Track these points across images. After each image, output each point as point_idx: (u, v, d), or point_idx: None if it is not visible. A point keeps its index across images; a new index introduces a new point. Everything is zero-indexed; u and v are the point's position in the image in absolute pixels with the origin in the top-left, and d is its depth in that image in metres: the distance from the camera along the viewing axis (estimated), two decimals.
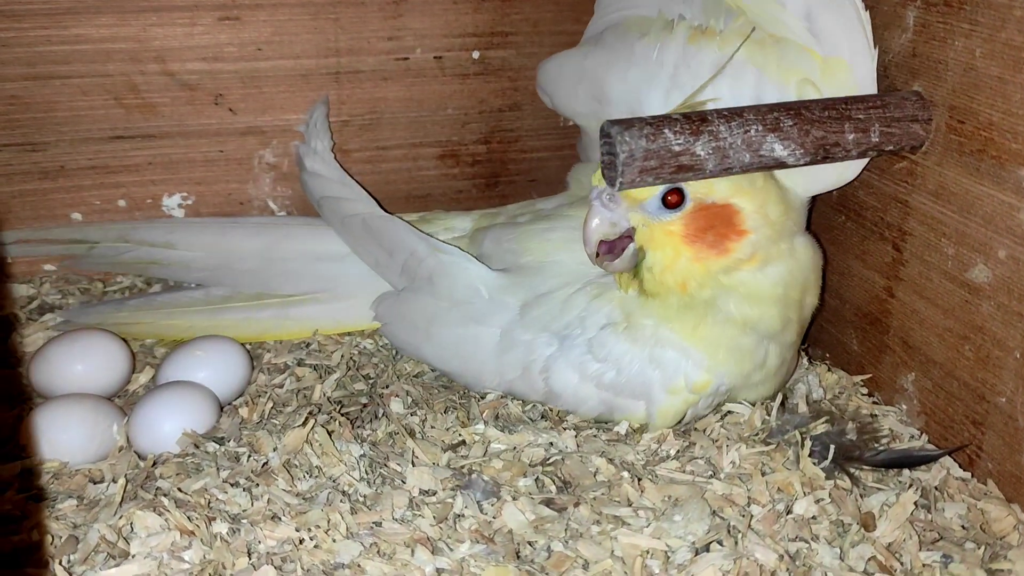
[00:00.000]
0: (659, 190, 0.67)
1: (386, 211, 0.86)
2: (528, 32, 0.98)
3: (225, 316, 0.86)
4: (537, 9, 0.97)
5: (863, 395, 0.78)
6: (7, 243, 0.91)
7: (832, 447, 0.68)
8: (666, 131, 0.63)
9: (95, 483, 0.68)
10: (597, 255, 0.69)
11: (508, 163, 1.04)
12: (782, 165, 0.67)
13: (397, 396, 0.77)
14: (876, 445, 0.70)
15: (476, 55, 0.98)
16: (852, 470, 0.68)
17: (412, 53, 0.96)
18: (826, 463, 0.68)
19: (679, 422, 0.73)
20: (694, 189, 0.67)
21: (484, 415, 0.75)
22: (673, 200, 0.67)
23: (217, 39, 0.90)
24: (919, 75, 0.69)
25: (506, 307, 0.77)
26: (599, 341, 0.72)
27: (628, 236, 0.69)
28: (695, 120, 0.64)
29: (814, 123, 0.66)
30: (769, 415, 0.73)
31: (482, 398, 0.78)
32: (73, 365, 0.77)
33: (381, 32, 0.94)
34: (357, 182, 0.89)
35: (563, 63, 0.92)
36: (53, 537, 0.60)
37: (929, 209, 0.70)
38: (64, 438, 0.70)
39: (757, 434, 0.71)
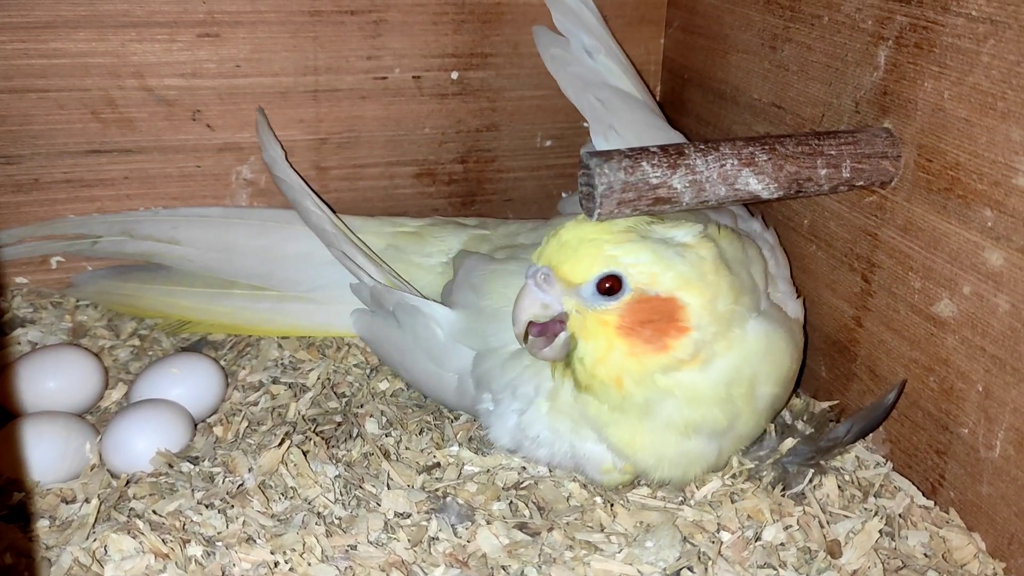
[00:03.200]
0: (596, 275, 0.63)
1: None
2: (508, 54, 0.99)
3: (223, 302, 0.88)
4: (517, 31, 0.98)
5: (831, 422, 0.80)
6: (5, 244, 0.91)
7: (804, 451, 0.70)
8: (644, 164, 0.64)
9: (68, 503, 0.67)
10: (526, 337, 0.66)
11: (484, 182, 1.04)
12: (756, 198, 0.68)
13: (371, 416, 0.78)
14: (835, 426, 0.73)
15: (455, 75, 0.99)
16: (832, 457, 0.70)
17: (391, 72, 0.97)
18: (804, 467, 0.70)
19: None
20: (636, 278, 0.63)
21: (458, 436, 0.76)
22: (610, 287, 0.62)
23: (196, 55, 0.90)
24: (889, 112, 0.71)
25: (460, 354, 0.74)
26: (527, 418, 0.70)
27: (561, 320, 0.65)
28: (672, 154, 0.65)
29: (788, 158, 0.68)
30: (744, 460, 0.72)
31: (456, 419, 0.79)
32: (45, 382, 0.77)
33: (360, 51, 0.95)
34: (321, 198, 0.88)
35: None
36: (25, 559, 0.60)
37: (897, 243, 0.72)
38: (35, 456, 0.70)
39: (734, 475, 0.71)
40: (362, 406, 0.80)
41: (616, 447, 0.67)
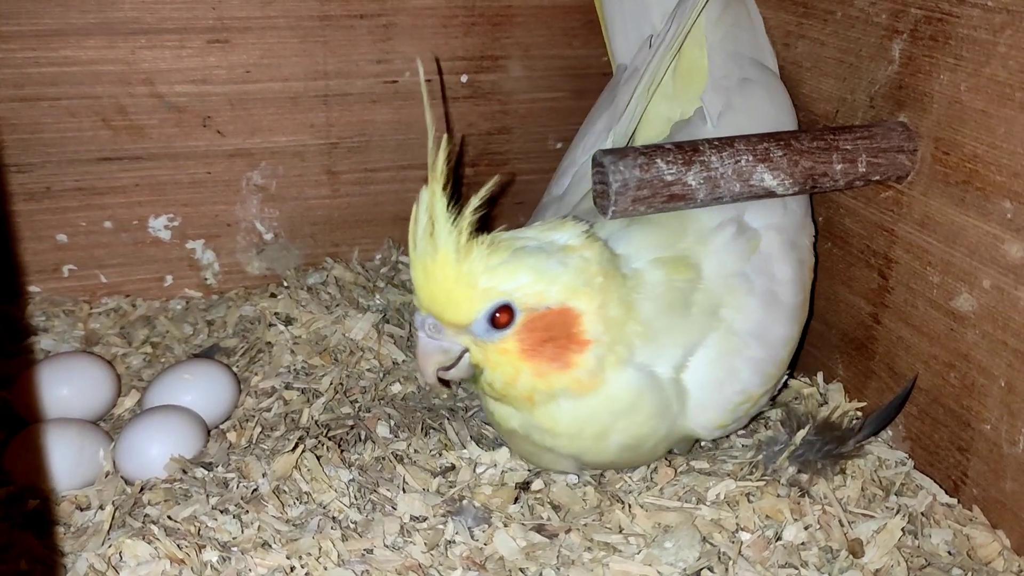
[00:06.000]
0: (481, 312, 0.60)
1: None
2: (519, 56, 0.99)
3: None
4: (528, 34, 0.98)
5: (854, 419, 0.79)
6: None
7: (818, 443, 0.69)
8: (658, 161, 0.64)
9: (82, 510, 0.67)
10: (442, 381, 0.65)
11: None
12: (771, 194, 0.68)
13: (380, 420, 0.77)
14: (850, 424, 0.72)
15: (465, 79, 0.98)
16: (848, 451, 0.69)
17: (401, 76, 0.96)
18: (820, 457, 0.69)
19: None
20: (523, 300, 0.60)
21: (460, 436, 0.75)
22: (502, 320, 0.60)
23: (206, 62, 0.90)
24: (905, 106, 0.70)
25: None
26: None
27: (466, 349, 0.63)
28: (687, 150, 0.65)
29: (803, 153, 0.67)
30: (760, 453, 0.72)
31: (458, 419, 0.78)
32: (58, 389, 0.76)
33: (370, 55, 0.95)
34: None
35: None
36: (41, 566, 0.60)
37: (915, 238, 0.71)
38: (50, 463, 0.69)
39: (752, 471, 0.71)
40: (370, 410, 0.79)
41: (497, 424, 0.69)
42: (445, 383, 0.67)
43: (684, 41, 0.78)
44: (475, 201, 0.60)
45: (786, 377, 0.75)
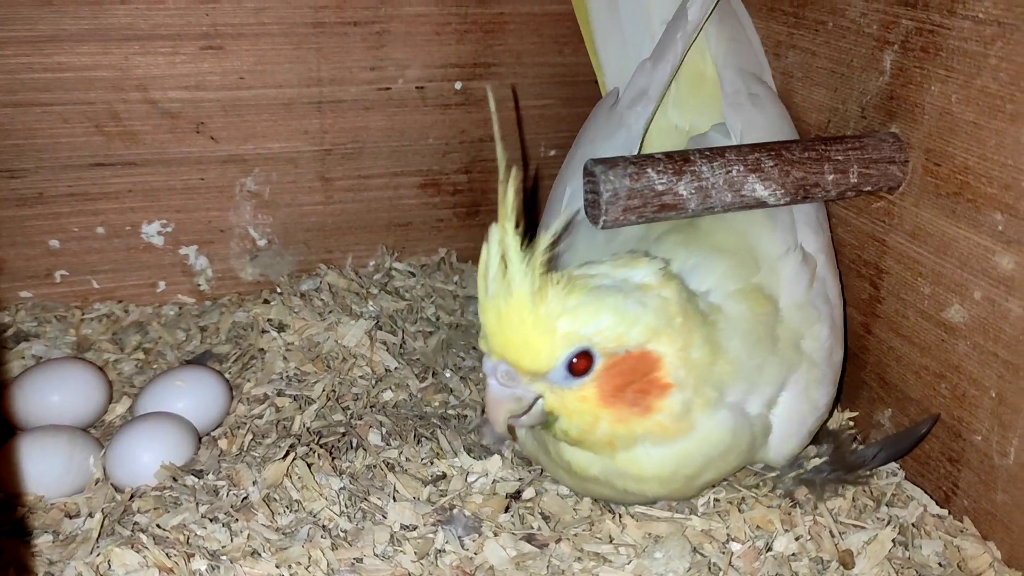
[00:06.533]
0: (560, 359, 0.56)
1: None
2: (511, 63, 0.99)
3: None
4: (520, 41, 0.98)
5: (853, 440, 0.79)
6: None
7: (827, 469, 0.69)
8: (649, 170, 0.64)
9: (71, 517, 0.67)
10: (511, 430, 0.62)
11: (489, 192, 1.04)
12: (763, 204, 0.68)
13: (372, 428, 0.77)
14: (863, 448, 0.71)
15: (458, 86, 0.99)
16: (854, 478, 0.69)
17: (394, 83, 0.96)
18: (826, 481, 0.69)
19: None
20: (604, 345, 0.56)
21: (453, 445, 0.75)
22: (580, 367, 0.56)
23: (199, 68, 0.90)
24: (896, 117, 0.71)
25: None
26: None
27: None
28: (678, 160, 0.65)
29: (794, 164, 0.67)
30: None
31: (450, 428, 0.78)
32: (49, 395, 0.76)
33: (364, 62, 0.95)
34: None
35: None
36: (29, 574, 0.60)
37: (906, 249, 0.71)
38: (40, 471, 0.69)
39: (757, 486, 0.70)
40: (361, 418, 0.79)
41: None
42: (511, 430, 0.64)
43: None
44: (547, 239, 0.56)
45: None
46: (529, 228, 0.58)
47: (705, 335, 0.60)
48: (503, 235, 0.55)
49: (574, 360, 0.56)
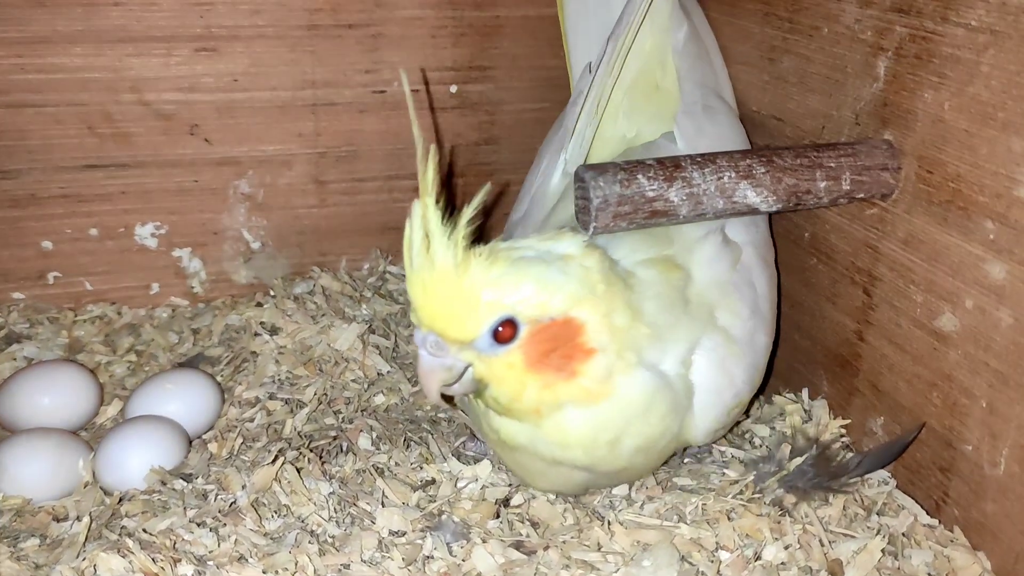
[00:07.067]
0: (485, 327, 0.58)
1: None
2: (506, 67, 0.99)
3: None
4: (516, 44, 0.98)
5: (844, 448, 0.78)
6: None
7: (811, 473, 0.69)
8: (640, 177, 0.63)
9: (59, 521, 0.67)
10: (445, 398, 0.63)
11: None
12: (755, 211, 0.67)
13: (362, 431, 0.77)
14: (848, 455, 0.71)
15: (454, 89, 0.98)
16: (839, 486, 0.68)
17: (389, 86, 0.96)
18: (810, 487, 0.68)
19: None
20: (527, 312, 0.58)
21: (443, 450, 0.75)
22: (505, 335, 0.58)
23: (193, 70, 0.90)
24: (889, 124, 0.70)
25: None
26: None
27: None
28: (668, 166, 0.64)
29: (786, 171, 0.67)
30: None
31: (440, 432, 0.78)
32: (39, 398, 0.76)
33: (358, 65, 0.95)
34: None
35: None
36: None
37: (898, 256, 0.71)
38: (28, 473, 0.69)
39: (742, 492, 0.70)
40: (352, 422, 0.79)
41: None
42: (448, 398, 0.66)
43: (626, 60, 0.78)
44: (468, 212, 0.58)
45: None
46: (451, 203, 0.59)
47: (626, 300, 0.62)
48: (424, 210, 0.57)
49: (499, 328, 0.58)
